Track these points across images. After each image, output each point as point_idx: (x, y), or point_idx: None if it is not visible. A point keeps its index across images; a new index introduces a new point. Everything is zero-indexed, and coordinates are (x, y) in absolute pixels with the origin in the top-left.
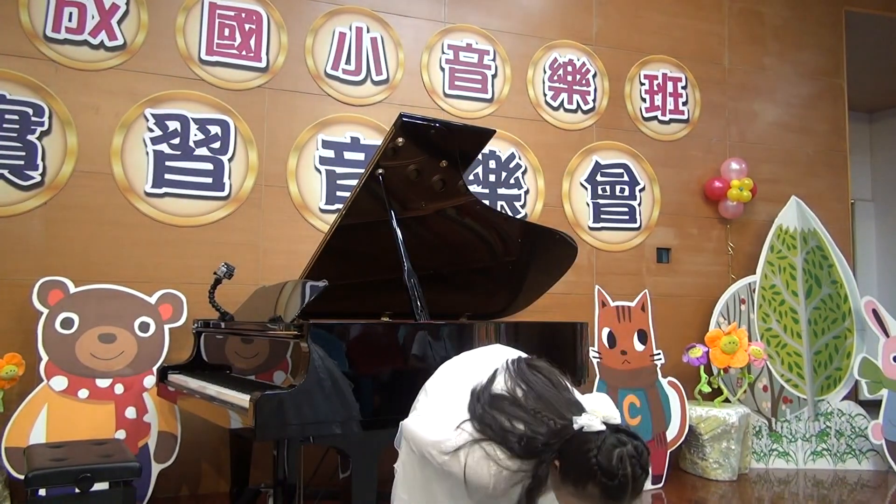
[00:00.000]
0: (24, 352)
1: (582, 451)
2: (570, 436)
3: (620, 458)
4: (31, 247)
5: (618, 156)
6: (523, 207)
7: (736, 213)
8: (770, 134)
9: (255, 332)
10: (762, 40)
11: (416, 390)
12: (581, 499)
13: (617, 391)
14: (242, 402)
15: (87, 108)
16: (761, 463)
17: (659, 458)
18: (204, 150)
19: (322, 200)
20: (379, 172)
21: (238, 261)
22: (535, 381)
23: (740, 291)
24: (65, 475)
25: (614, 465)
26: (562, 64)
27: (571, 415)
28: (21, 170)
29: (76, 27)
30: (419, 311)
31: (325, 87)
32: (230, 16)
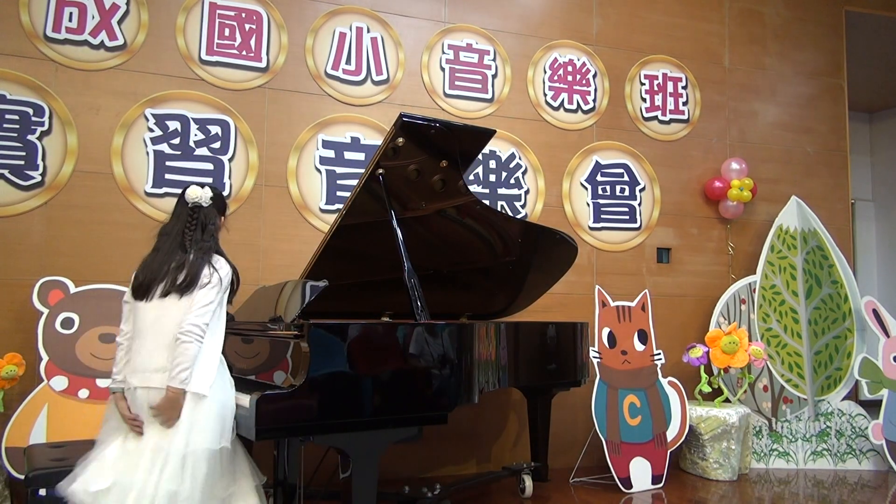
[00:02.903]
0: (24, 352)
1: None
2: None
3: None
4: (31, 247)
5: (618, 156)
6: (523, 207)
7: (736, 212)
8: (770, 134)
9: (256, 332)
10: (762, 40)
11: (417, 390)
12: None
13: (617, 391)
14: (242, 402)
15: (87, 108)
16: (762, 463)
17: (659, 458)
18: (204, 150)
19: (322, 200)
20: (379, 172)
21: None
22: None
23: (740, 291)
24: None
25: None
26: (562, 64)
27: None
28: (21, 170)
29: (76, 27)
30: (419, 311)
31: (325, 87)
32: (230, 16)
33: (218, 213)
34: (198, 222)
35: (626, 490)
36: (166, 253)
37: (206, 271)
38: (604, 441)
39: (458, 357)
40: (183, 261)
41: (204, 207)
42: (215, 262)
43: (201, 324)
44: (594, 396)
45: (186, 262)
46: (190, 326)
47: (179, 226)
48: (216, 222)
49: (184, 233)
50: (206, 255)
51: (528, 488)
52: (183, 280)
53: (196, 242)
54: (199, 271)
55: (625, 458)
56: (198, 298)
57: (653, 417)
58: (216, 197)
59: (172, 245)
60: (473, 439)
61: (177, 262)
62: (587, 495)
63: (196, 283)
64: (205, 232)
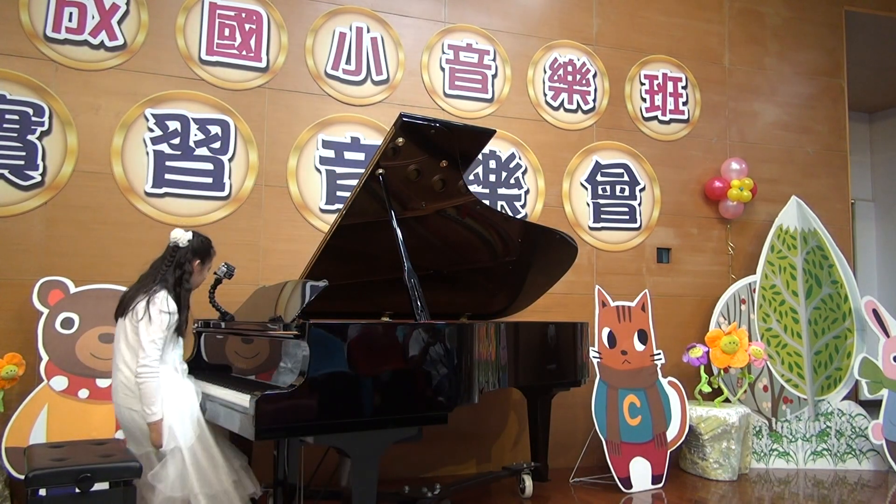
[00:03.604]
0: (24, 352)
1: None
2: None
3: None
4: (31, 247)
5: (618, 156)
6: (523, 207)
7: (736, 212)
8: (770, 134)
9: (256, 332)
10: (762, 40)
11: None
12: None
13: (617, 391)
14: (243, 402)
15: (87, 108)
16: (761, 463)
17: (659, 458)
18: (204, 150)
19: (322, 200)
20: (379, 172)
21: (238, 261)
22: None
23: (740, 291)
24: (65, 475)
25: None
26: (562, 64)
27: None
28: (21, 170)
29: (76, 27)
30: (419, 311)
31: (325, 87)
32: (230, 16)
33: (194, 256)
34: (174, 260)
35: (626, 490)
36: (140, 282)
37: (141, 306)
38: (604, 441)
39: (458, 357)
40: (137, 288)
41: (180, 248)
42: (154, 300)
43: (150, 362)
44: (594, 396)
45: (138, 288)
46: (142, 368)
47: (159, 261)
48: (191, 263)
49: (159, 268)
50: (152, 289)
51: (529, 488)
52: (121, 303)
53: (155, 277)
54: (132, 301)
55: (625, 458)
56: (142, 335)
57: (653, 417)
58: (194, 241)
59: (148, 277)
60: (473, 439)
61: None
62: (587, 495)
63: (129, 309)
64: (176, 270)
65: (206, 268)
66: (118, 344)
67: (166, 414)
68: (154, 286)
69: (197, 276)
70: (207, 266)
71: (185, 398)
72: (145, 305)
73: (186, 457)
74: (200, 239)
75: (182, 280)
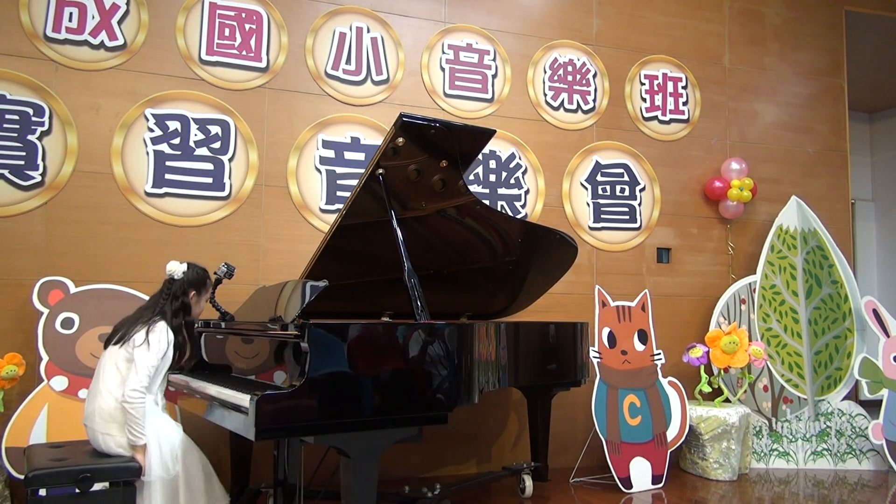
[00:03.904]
0: (24, 352)
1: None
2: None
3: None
4: (31, 247)
5: (618, 156)
6: (523, 207)
7: (736, 212)
8: (770, 134)
9: (256, 332)
10: (762, 40)
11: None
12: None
13: (617, 391)
14: (242, 402)
15: (87, 108)
16: (762, 463)
17: (659, 458)
18: (204, 150)
19: (322, 200)
20: (379, 172)
21: (238, 261)
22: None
23: (740, 291)
24: (65, 475)
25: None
26: (562, 64)
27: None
28: (21, 170)
29: (76, 27)
30: (419, 311)
31: (325, 87)
32: (230, 16)
33: (190, 288)
34: (171, 293)
35: (626, 490)
36: (138, 313)
37: (141, 334)
38: (604, 441)
39: (458, 357)
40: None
41: (176, 280)
42: (154, 328)
43: (140, 387)
44: (594, 396)
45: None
46: (132, 392)
47: (157, 294)
48: (187, 295)
49: (157, 300)
50: (151, 319)
51: (529, 488)
52: (115, 331)
53: (155, 308)
54: (131, 329)
55: (625, 458)
56: (138, 360)
57: (653, 417)
58: (189, 273)
59: (146, 309)
60: (474, 439)
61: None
62: (587, 495)
63: (127, 337)
64: (173, 302)
65: (204, 298)
66: (103, 369)
67: (148, 440)
68: (153, 317)
69: (195, 307)
70: (205, 296)
71: (164, 433)
72: (145, 333)
73: (159, 490)
74: (195, 270)
75: (179, 312)
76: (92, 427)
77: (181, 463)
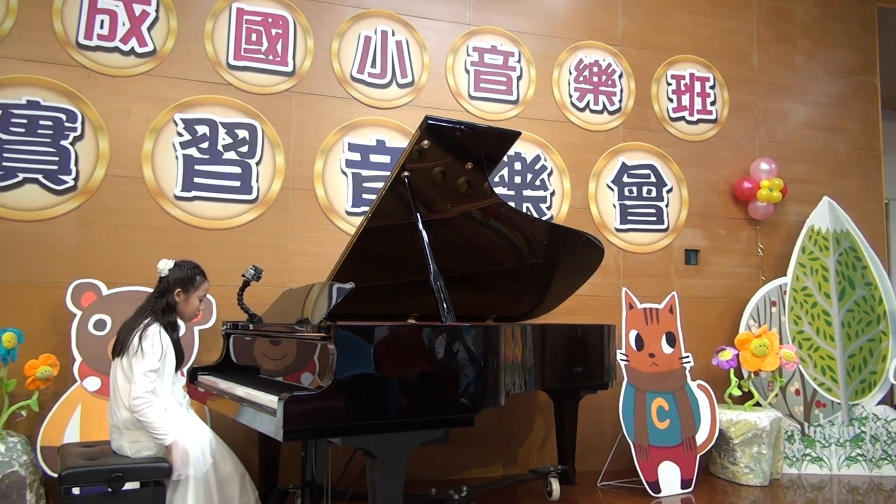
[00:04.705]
0: (58, 353)
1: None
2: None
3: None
4: (64, 250)
5: (644, 157)
6: (549, 209)
7: (766, 213)
8: (800, 134)
9: (283, 334)
10: (792, 38)
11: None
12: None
13: (645, 394)
14: (270, 404)
15: (118, 113)
16: (794, 468)
17: (689, 463)
18: (232, 153)
19: (348, 203)
20: (404, 175)
21: (266, 263)
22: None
23: (771, 293)
24: (97, 474)
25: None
26: (587, 65)
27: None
28: (55, 174)
29: (107, 34)
30: (445, 313)
31: (350, 91)
32: (257, 21)
33: (175, 286)
34: (160, 291)
35: (654, 494)
36: (133, 317)
37: (134, 341)
38: (632, 444)
39: (484, 359)
40: (131, 325)
41: (163, 278)
42: (146, 333)
43: (143, 394)
44: (622, 399)
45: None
46: (135, 400)
47: (150, 294)
48: (172, 294)
49: (149, 300)
50: (142, 324)
51: (556, 491)
52: (116, 342)
53: (146, 310)
54: (127, 337)
55: (653, 462)
56: (135, 369)
57: (681, 421)
58: (174, 270)
59: (139, 311)
60: (500, 442)
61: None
62: (615, 499)
63: (125, 348)
64: (160, 300)
65: (194, 296)
66: (115, 382)
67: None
68: (144, 320)
69: (183, 306)
70: (194, 294)
71: (192, 433)
72: (137, 340)
73: (191, 489)
74: (181, 267)
75: (166, 310)
76: (119, 441)
77: (213, 462)
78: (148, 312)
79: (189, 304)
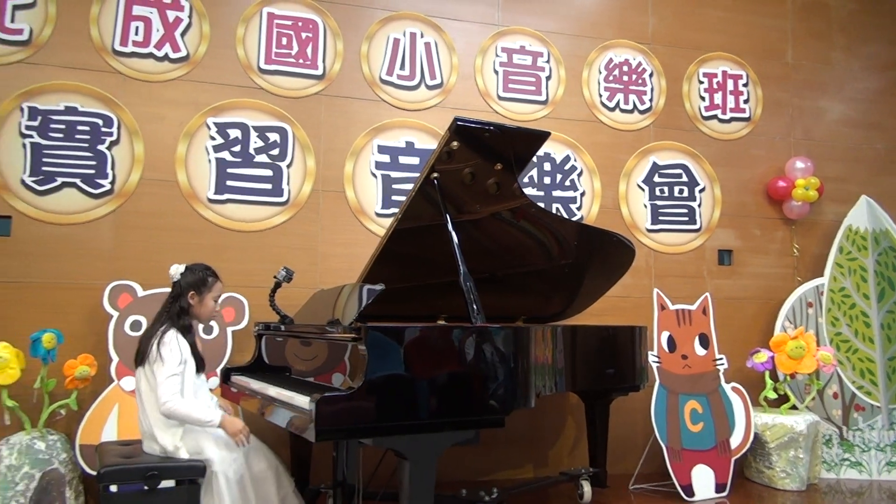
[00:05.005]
0: (96, 353)
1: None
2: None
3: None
4: (102, 252)
5: (676, 156)
6: (579, 210)
7: (801, 213)
8: (837, 131)
9: (314, 335)
10: (827, 34)
11: (473, 394)
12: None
13: (678, 396)
14: (302, 404)
15: (152, 118)
16: (832, 473)
17: (723, 466)
18: (263, 156)
19: (378, 205)
20: (434, 176)
21: (297, 265)
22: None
23: (807, 294)
24: (134, 472)
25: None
26: (617, 64)
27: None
28: (92, 178)
29: (142, 40)
30: (475, 314)
31: (380, 93)
32: (287, 25)
33: (188, 289)
34: (174, 296)
35: (687, 498)
36: (150, 324)
37: (153, 349)
38: (664, 447)
39: (514, 360)
40: (149, 332)
41: (176, 282)
42: (164, 340)
43: (170, 397)
44: (654, 401)
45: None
46: (164, 406)
47: (166, 299)
48: (185, 297)
49: (164, 305)
50: (159, 331)
51: (587, 494)
52: (138, 351)
53: (162, 315)
54: (147, 346)
55: (686, 465)
56: (158, 377)
57: (715, 424)
58: (186, 274)
59: (155, 318)
60: (530, 443)
61: (147, 334)
62: (648, 502)
63: (146, 356)
64: (175, 304)
65: (208, 296)
66: (140, 392)
67: (205, 444)
68: (161, 327)
69: (198, 308)
70: (208, 295)
71: (221, 434)
72: (156, 348)
73: (223, 485)
74: (193, 270)
75: (181, 314)
76: (151, 446)
77: (246, 459)
78: (164, 318)
79: (204, 305)
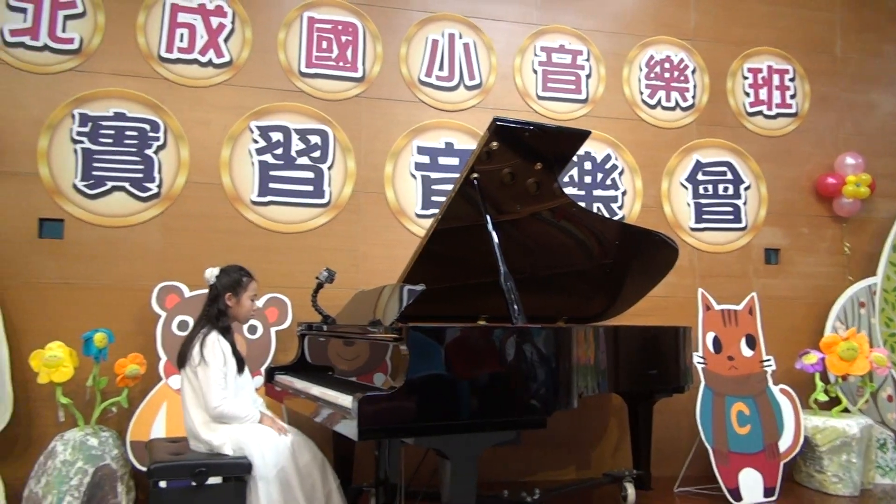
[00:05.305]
0: (145, 352)
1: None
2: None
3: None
4: (150, 254)
5: (720, 153)
6: (620, 209)
7: (852, 210)
8: (890, 125)
9: (356, 335)
10: (878, 25)
11: (514, 394)
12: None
13: (724, 398)
14: (345, 403)
15: (197, 122)
16: (887, 478)
17: (772, 470)
18: (305, 159)
19: (418, 206)
20: (474, 177)
21: (338, 265)
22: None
23: (859, 294)
24: (183, 469)
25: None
26: (658, 61)
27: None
28: (140, 182)
29: (187, 47)
30: (516, 314)
31: (419, 94)
32: (327, 28)
33: (225, 291)
34: (211, 298)
35: (735, 502)
36: (191, 328)
37: (195, 351)
38: (710, 450)
39: (556, 361)
40: (191, 335)
41: (212, 285)
42: (205, 342)
43: (220, 400)
44: (699, 403)
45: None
46: (214, 410)
47: (204, 302)
48: (223, 298)
49: (203, 309)
50: (200, 334)
51: (631, 496)
52: (180, 353)
53: (202, 319)
54: (189, 349)
55: (733, 469)
56: (202, 381)
57: (763, 426)
58: (221, 276)
59: (196, 322)
60: (573, 444)
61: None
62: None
63: (186, 358)
64: (213, 307)
65: (244, 296)
66: (184, 393)
67: (248, 441)
68: (202, 329)
69: (236, 308)
70: (244, 295)
71: (265, 432)
72: (199, 350)
73: (261, 487)
74: (228, 272)
75: (220, 316)
76: (196, 446)
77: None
78: (204, 321)
79: (241, 305)
